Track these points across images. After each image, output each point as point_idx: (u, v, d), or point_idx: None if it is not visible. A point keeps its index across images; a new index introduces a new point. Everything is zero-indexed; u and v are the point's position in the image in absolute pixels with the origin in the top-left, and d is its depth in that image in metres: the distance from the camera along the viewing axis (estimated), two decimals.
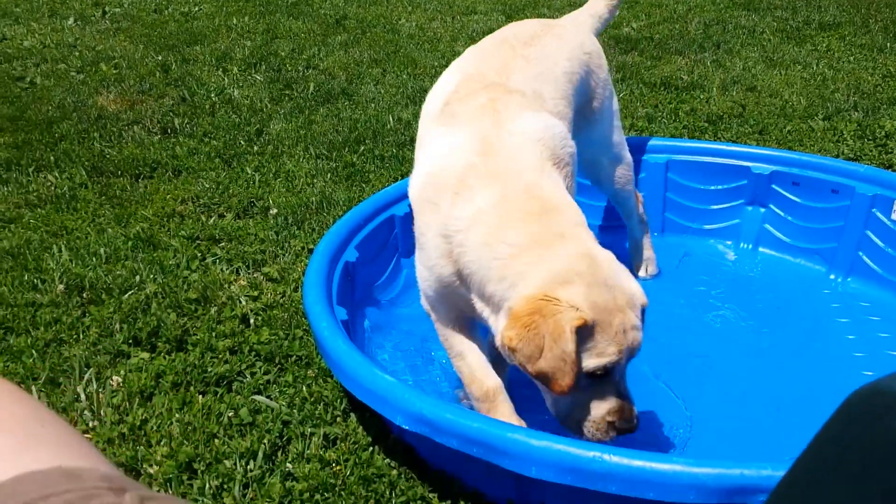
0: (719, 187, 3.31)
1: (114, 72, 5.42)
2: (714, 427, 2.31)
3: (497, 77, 2.38)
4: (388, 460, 2.14)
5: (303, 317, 2.72)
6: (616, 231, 3.24)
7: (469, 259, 2.02)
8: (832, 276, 2.99)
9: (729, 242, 3.27)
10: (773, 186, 3.18)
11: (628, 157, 2.92)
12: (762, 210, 3.22)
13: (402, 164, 3.98)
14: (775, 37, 5.87)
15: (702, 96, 4.77)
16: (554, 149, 2.20)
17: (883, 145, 3.99)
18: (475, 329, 2.26)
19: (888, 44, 5.55)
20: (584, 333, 1.85)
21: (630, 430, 1.96)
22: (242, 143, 4.28)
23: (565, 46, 2.62)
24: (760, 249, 3.20)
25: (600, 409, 1.94)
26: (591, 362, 1.88)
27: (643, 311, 1.97)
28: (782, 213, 3.16)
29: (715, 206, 3.32)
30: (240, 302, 2.86)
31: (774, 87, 4.84)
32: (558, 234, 1.96)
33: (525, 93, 2.35)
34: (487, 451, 1.82)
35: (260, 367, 2.52)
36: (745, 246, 3.22)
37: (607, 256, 1.98)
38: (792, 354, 2.57)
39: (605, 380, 1.93)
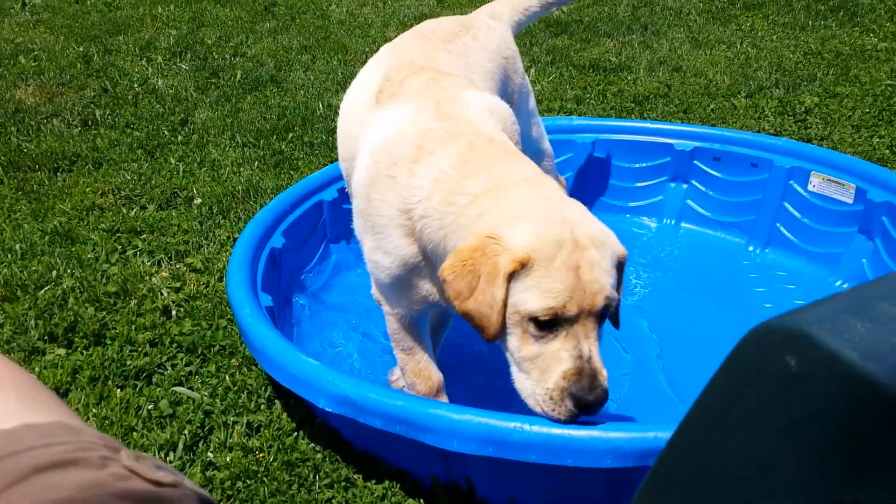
0: (643, 165, 3.35)
1: (33, 64, 5.25)
2: (631, 390, 2.34)
3: (427, 63, 2.26)
4: (312, 444, 2.12)
5: (227, 306, 2.68)
6: None
7: (431, 228, 1.85)
8: (751, 248, 3.05)
9: (653, 219, 3.31)
10: (695, 162, 3.23)
11: (549, 148, 2.89)
12: (684, 186, 3.27)
13: (332, 151, 3.94)
14: (701, 17, 5.95)
15: (629, 77, 4.82)
16: (505, 123, 2.10)
17: (802, 120, 4.08)
18: (426, 324, 2.17)
19: (810, 22, 5.67)
20: (527, 271, 1.67)
21: (594, 402, 1.68)
22: (166, 132, 4.19)
23: (485, 48, 2.52)
24: (683, 225, 3.24)
25: (554, 373, 1.69)
26: (532, 304, 1.67)
27: (620, 265, 1.79)
28: (703, 189, 3.21)
29: (639, 184, 3.36)
30: (161, 294, 2.80)
31: (699, 66, 4.91)
32: (521, 180, 1.82)
33: (460, 77, 2.25)
34: (410, 428, 1.82)
35: (182, 359, 2.48)
36: (668, 222, 3.27)
37: (575, 202, 1.83)
38: (710, 323, 2.61)
39: (562, 334, 1.69)
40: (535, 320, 1.69)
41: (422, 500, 1.96)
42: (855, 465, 0.70)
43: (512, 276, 1.69)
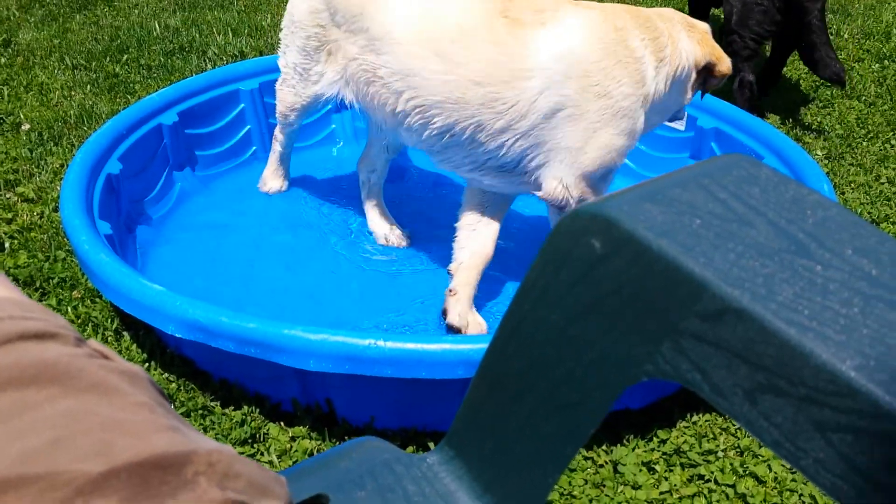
0: None
1: None
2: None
3: None
4: (165, 374, 2.07)
5: (65, 237, 2.53)
6: None
7: (663, 76, 2.13)
8: None
9: None
10: None
11: None
12: None
13: (172, 74, 3.75)
14: None
15: None
16: None
17: None
18: None
19: None
20: None
21: None
22: None
23: None
24: None
25: None
26: None
27: None
28: None
29: None
30: None
31: None
32: (679, 28, 2.19)
33: None
34: (265, 350, 1.81)
35: None
36: None
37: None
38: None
39: None
40: None
41: (282, 423, 1.96)
42: (651, 336, 0.78)
43: None
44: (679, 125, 2.92)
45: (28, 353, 0.65)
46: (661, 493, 1.83)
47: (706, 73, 2.23)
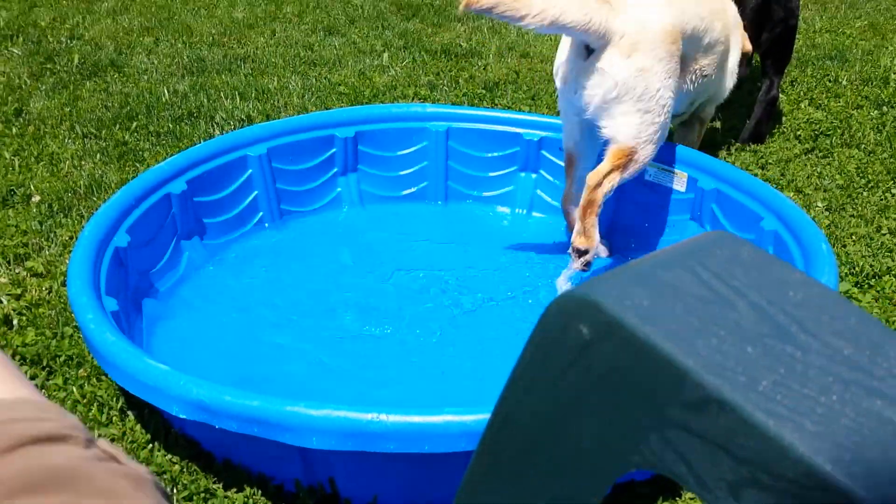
0: (495, 154, 3.44)
1: None
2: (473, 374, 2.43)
3: None
4: (169, 456, 2.08)
5: (73, 313, 2.57)
6: None
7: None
8: None
9: (506, 207, 3.42)
10: (543, 152, 3.35)
11: None
12: (534, 176, 3.39)
13: (180, 140, 3.82)
14: None
15: (480, 63, 4.92)
16: None
17: None
18: None
19: None
20: None
21: None
22: None
23: None
24: (534, 214, 3.37)
25: None
26: None
27: None
28: (552, 179, 3.34)
29: (492, 174, 3.45)
30: (1, 302, 2.65)
31: (545, 53, 5.07)
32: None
33: None
34: (267, 428, 1.82)
35: (26, 372, 2.36)
36: (520, 211, 3.39)
37: None
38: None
39: None
40: None
41: None
42: (638, 425, 0.79)
43: None
44: (680, 185, 2.95)
45: (41, 457, 0.68)
46: None
47: None
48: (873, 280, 2.86)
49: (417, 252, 3.10)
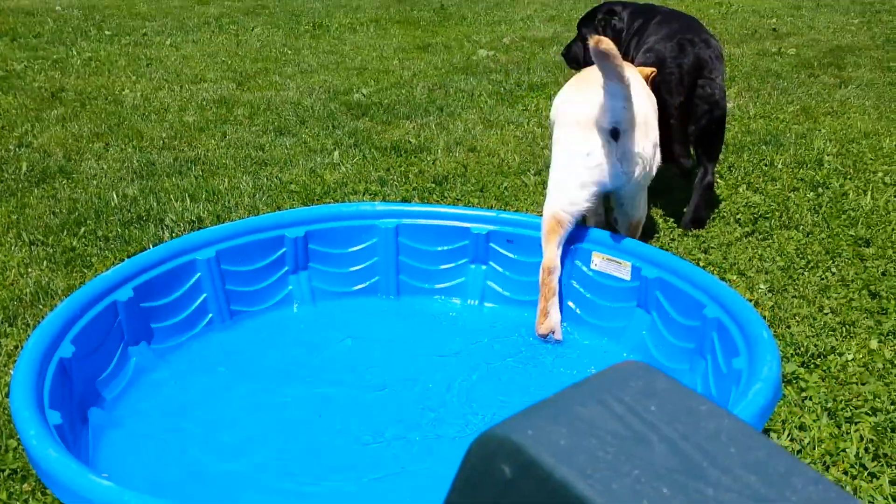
0: (445, 248, 3.49)
1: None
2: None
3: None
4: None
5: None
6: None
7: None
8: None
9: (457, 299, 3.44)
10: (491, 244, 3.41)
11: None
12: (483, 267, 3.44)
13: (129, 244, 3.81)
14: (491, 99, 6.33)
15: (429, 158, 5.03)
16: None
17: None
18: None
19: None
20: None
21: None
22: None
23: None
24: (486, 304, 3.40)
25: None
26: None
27: None
28: (501, 269, 3.39)
29: (443, 266, 3.49)
30: None
31: (492, 146, 5.21)
32: None
33: None
34: None
35: None
36: (472, 302, 3.42)
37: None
38: (522, 397, 2.74)
39: None
40: None
41: None
42: None
43: None
44: (624, 274, 3.01)
45: None
46: None
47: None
48: (819, 360, 2.92)
49: (372, 348, 3.09)
